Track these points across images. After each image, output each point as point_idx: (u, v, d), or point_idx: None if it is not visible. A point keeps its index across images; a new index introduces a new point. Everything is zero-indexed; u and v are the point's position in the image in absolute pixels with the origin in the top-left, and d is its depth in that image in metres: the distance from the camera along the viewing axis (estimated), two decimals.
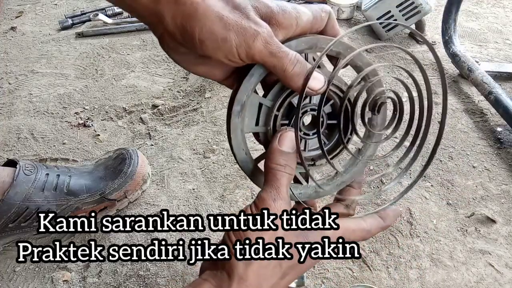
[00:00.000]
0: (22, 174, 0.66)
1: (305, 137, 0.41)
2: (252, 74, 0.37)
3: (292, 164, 0.38)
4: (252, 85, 0.37)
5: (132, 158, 0.75)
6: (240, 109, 0.38)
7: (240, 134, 0.39)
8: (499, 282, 0.63)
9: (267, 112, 0.40)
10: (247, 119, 0.39)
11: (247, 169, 0.41)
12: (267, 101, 0.39)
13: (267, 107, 0.39)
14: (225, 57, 0.34)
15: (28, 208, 0.66)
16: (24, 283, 0.67)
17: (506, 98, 0.85)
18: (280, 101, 0.39)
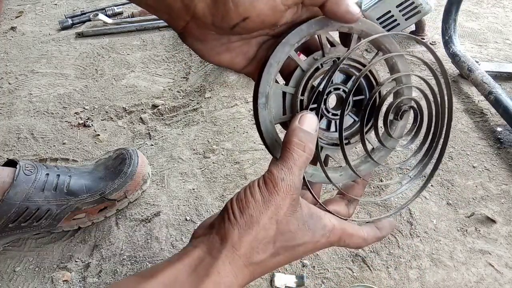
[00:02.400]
0: (22, 174, 0.66)
1: (334, 118, 0.41)
2: (270, 63, 0.37)
3: (311, 144, 0.36)
4: (272, 75, 0.37)
5: (132, 158, 0.75)
6: (265, 101, 0.38)
7: (270, 126, 0.39)
8: (499, 282, 0.62)
9: (292, 99, 0.39)
10: (273, 110, 0.39)
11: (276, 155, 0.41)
12: (290, 88, 0.39)
13: (291, 94, 0.39)
14: (265, 4, 0.32)
15: (28, 208, 0.66)
16: (24, 283, 0.67)
17: (506, 98, 0.85)
18: (303, 84, 0.39)
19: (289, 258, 0.37)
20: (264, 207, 0.34)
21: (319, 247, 0.38)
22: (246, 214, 0.34)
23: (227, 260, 0.34)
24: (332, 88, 0.40)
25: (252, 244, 0.35)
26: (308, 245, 0.37)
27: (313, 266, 0.66)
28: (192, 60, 1.17)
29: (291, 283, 0.63)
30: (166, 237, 0.72)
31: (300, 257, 0.39)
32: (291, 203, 0.35)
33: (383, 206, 0.74)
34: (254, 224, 0.34)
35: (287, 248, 0.36)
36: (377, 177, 0.79)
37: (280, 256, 0.37)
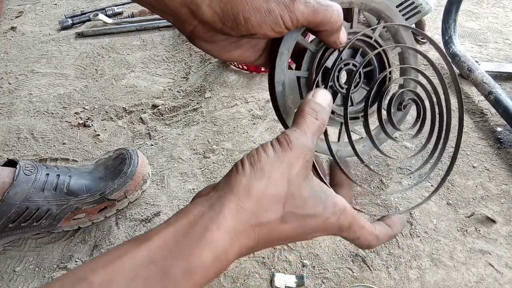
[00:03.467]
0: (22, 174, 0.66)
1: (350, 92, 0.41)
2: (281, 52, 0.38)
3: (324, 117, 0.36)
4: (285, 63, 0.38)
5: (132, 158, 0.75)
6: (282, 88, 0.38)
7: (292, 113, 0.39)
8: (499, 282, 0.62)
9: (307, 82, 0.40)
10: (291, 96, 0.39)
11: None
12: (303, 72, 0.39)
13: (305, 77, 0.40)
14: (271, 29, 0.34)
15: (28, 208, 0.66)
16: (24, 283, 0.67)
17: (506, 98, 0.85)
18: (315, 66, 0.39)
19: (297, 230, 0.34)
20: (276, 162, 0.32)
21: (328, 227, 0.36)
22: (257, 167, 0.32)
23: (230, 214, 0.30)
24: (343, 64, 0.40)
25: (260, 199, 0.31)
26: (318, 220, 0.35)
27: (313, 266, 0.66)
28: (192, 60, 1.17)
29: (291, 283, 0.63)
30: None
31: (308, 235, 0.36)
32: (304, 165, 0.33)
33: (383, 206, 0.74)
34: (265, 176, 0.32)
35: (296, 216, 0.33)
36: (377, 177, 0.79)
37: (288, 225, 0.33)
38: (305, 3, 0.33)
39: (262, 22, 0.33)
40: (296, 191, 0.33)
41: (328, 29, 0.36)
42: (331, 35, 0.37)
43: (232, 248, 0.31)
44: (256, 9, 0.33)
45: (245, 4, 0.33)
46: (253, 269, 0.66)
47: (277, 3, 0.33)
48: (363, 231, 0.38)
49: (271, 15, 0.33)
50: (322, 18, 0.34)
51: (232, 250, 0.31)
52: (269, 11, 0.33)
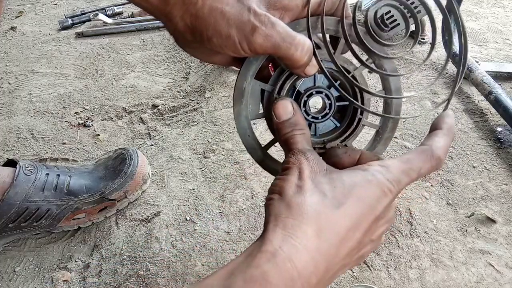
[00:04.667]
0: (22, 174, 0.66)
1: (314, 120, 0.41)
2: (250, 61, 0.38)
3: (297, 122, 0.36)
4: (251, 72, 0.38)
5: (132, 158, 0.75)
6: (241, 95, 0.38)
7: (244, 120, 0.39)
8: (499, 282, 0.62)
9: (269, 97, 0.40)
10: (250, 105, 0.39)
11: (255, 155, 0.41)
12: (268, 86, 0.39)
13: (268, 92, 0.39)
14: (232, 52, 0.34)
15: (28, 208, 0.66)
16: (24, 283, 0.67)
17: (506, 98, 0.85)
18: (280, 84, 0.39)
19: (356, 209, 0.31)
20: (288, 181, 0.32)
21: (384, 184, 0.32)
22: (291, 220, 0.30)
23: (276, 232, 0.29)
24: (314, 91, 0.40)
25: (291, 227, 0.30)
26: (366, 187, 0.32)
27: None
28: (192, 60, 1.17)
29: None
30: (166, 237, 0.72)
31: (372, 211, 0.32)
32: (311, 179, 0.32)
33: None
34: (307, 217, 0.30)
35: (344, 193, 0.31)
36: None
37: (344, 206, 0.30)
38: (265, 37, 0.33)
39: (223, 45, 0.34)
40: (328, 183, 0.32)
41: (290, 64, 0.35)
42: (294, 69, 0.36)
43: (296, 251, 0.29)
44: (217, 32, 0.33)
45: (209, 25, 0.33)
46: None
47: (237, 30, 0.32)
48: (421, 159, 0.34)
49: (230, 40, 0.33)
50: (283, 54, 0.34)
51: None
52: (228, 37, 0.33)
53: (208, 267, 0.67)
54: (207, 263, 0.67)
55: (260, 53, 0.34)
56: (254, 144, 0.41)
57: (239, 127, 0.40)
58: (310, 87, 0.40)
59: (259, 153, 0.41)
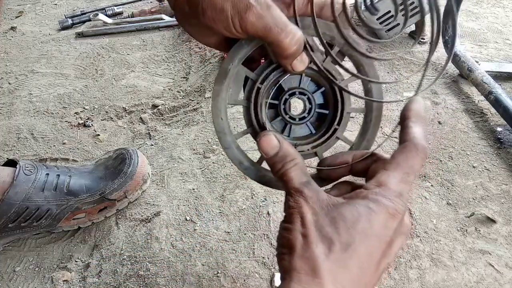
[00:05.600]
0: (22, 174, 0.66)
1: (291, 121, 0.40)
2: (241, 44, 0.37)
3: (286, 154, 0.36)
4: (239, 55, 0.37)
5: (132, 158, 0.75)
6: (224, 77, 0.38)
7: (221, 102, 0.39)
8: (499, 282, 0.62)
9: (251, 86, 0.39)
10: (231, 89, 0.39)
11: (223, 140, 0.40)
12: (253, 74, 0.39)
13: (252, 80, 0.39)
14: (223, 28, 0.34)
15: (28, 208, 0.66)
16: (24, 283, 0.67)
17: (506, 98, 0.85)
18: (265, 74, 0.38)
19: (365, 246, 0.31)
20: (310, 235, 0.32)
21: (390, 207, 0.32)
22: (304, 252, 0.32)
23: None
24: (298, 92, 0.39)
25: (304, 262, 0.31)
26: (372, 217, 0.31)
27: None
28: (192, 60, 1.17)
29: None
30: (166, 237, 0.72)
31: (383, 238, 0.32)
32: (315, 212, 0.33)
33: None
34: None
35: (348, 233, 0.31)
36: None
37: (351, 248, 0.31)
38: (258, 17, 0.32)
39: (216, 19, 0.33)
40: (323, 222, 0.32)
41: (278, 52, 0.35)
42: (282, 59, 0.36)
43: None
44: (212, 4, 0.33)
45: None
46: (253, 269, 0.66)
47: (232, 5, 0.32)
48: (410, 161, 0.34)
49: (223, 14, 0.33)
50: (272, 39, 0.33)
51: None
52: (222, 10, 0.33)
53: (208, 267, 0.67)
54: (207, 263, 0.67)
55: (250, 33, 0.34)
56: (225, 128, 0.40)
57: (214, 107, 0.39)
58: (294, 87, 0.39)
59: (228, 139, 0.40)
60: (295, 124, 0.40)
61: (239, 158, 0.41)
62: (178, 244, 0.70)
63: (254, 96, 0.39)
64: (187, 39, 1.27)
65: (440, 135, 0.87)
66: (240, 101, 0.39)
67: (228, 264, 0.67)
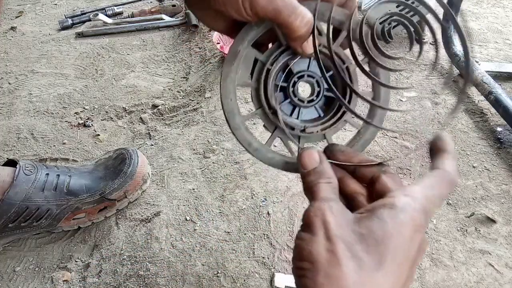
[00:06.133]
0: (22, 174, 0.66)
1: (300, 104, 0.40)
2: (251, 26, 0.37)
3: (323, 171, 0.35)
4: (249, 37, 0.37)
5: (132, 158, 0.75)
6: (233, 58, 0.38)
7: (230, 83, 0.38)
8: (499, 282, 0.62)
9: (261, 68, 0.39)
10: (240, 71, 0.39)
11: (232, 121, 0.40)
12: (263, 56, 0.39)
13: (262, 62, 0.39)
14: (234, 11, 0.34)
15: (28, 208, 0.66)
16: (24, 283, 0.67)
17: (506, 98, 0.85)
18: (274, 56, 0.38)
19: (396, 263, 0.29)
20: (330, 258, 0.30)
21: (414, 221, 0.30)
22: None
23: None
24: (306, 74, 0.39)
25: None
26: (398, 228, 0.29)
27: None
28: (192, 60, 1.17)
29: (291, 283, 0.63)
30: (166, 237, 0.72)
31: (410, 257, 0.30)
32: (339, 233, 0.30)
33: None
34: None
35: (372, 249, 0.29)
36: None
37: (383, 266, 0.29)
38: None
39: (227, 2, 0.33)
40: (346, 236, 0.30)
41: (288, 33, 0.35)
42: (291, 41, 0.36)
43: None
44: None
45: None
46: (253, 269, 0.66)
47: None
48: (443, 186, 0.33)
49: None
50: (282, 21, 0.34)
51: None
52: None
53: (208, 267, 0.67)
54: (207, 263, 0.67)
55: (261, 16, 0.34)
56: (234, 109, 0.39)
57: (223, 88, 0.39)
58: (303, 70, 0.39)
59: (237, 120, 0.40)
60: (304, 107, 0.40)
61: (249, 140, 0.40)
62: (178, 244, 0.70)
63: (264, 77, 0.39)
64: (187, 39, 1.27)
65: None
66: (249, 83, 0.39)
67: (228, 264, 0.67)
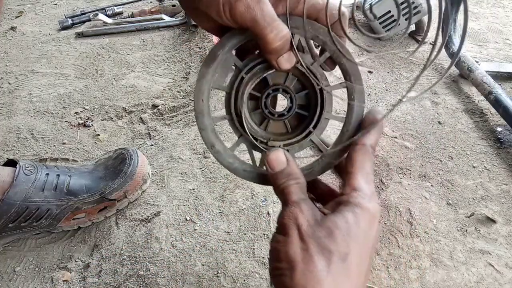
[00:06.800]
0: (22, 174, 0.66)
1: (270, 116, 0.40)
2: (234, 33, 0.37)
3: (290, 175, 0.37)
4: (230, 43, 0.38)
5: (132, 158, 0.75)
6: (211, 61, 0.38)
7: (205, 84, 0.39)
8: (499, 282, 0.62)
9: (237, 74, 0.39)
10: (217, 74, 0.39)
11: (200, 122, 0.40)
12: (240, 63, 0.39)
13: (238, 69, 0.39)
14: (215, 14, 0.35)
15: (28, 208, 0.66)
16: (24, 283, 0.67)
17: (506, 98, 0.85)
18: (251, 65, 0.39)
19: (359, 250, 0.33)
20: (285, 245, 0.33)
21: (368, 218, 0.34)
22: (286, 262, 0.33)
23: None
24: (281, 89, 0.40)
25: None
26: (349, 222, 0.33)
27: None
28: (192, 60, 1.17)
29: None
30: (166, 237, 0.72)
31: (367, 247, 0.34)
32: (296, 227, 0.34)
33: (384, 206, 0.74)
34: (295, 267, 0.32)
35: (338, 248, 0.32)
36: (377, 177, 0.79)
37: (349, 256, 0.32)
38: (247, 8, 0.33)
39: (209, 5, 0.34)
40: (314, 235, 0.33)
41: (262, 45, 0.35)
42: (266, 53, 0.36)
43: None
44: None
45: None
46: (253, 269, 0.66)
47: None
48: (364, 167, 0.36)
49: (215, 1, 0.33)
50: (258, 32, 0.34)
51: None
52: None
53: (208, 267, 0.67)
54: (207, 263, 0.67)
55: (239, 23, 0.34)
56: (204, 110, 0.40)
57: (197, 88, 0.39)
58: (279, 83, 0.40)
59: (206, 121, 0.40)
60: (273, 119, 0.41)
61: (212, 141, 0.41)
62: (178, 244, 0.70)
63: (237, 85, 0.39)
64: (187, 39, 1.27)
65: (440, 135, 0.87)
66: (223, 87, 0.40)
67: (228, 264, 0.67)
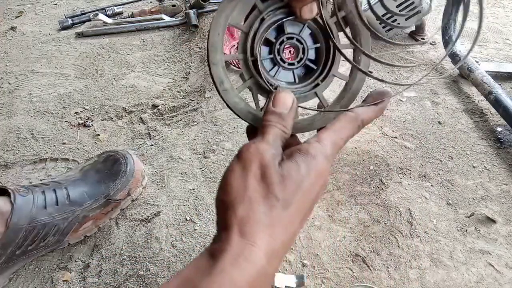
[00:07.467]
0: (20, 197, 0.63)
1: (281, 63, 0.41)
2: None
3: (284, 121, 0.36)
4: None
5: (127, 157, 0.76)
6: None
7: (223, 18, 0.38)
8: (499, 282, 0.63)
9: (256, 15, 0.39)
10: (236, 12, 0.38)
11: (213, 56, 0.40)
12: (262, 5, 0.39)
13: (259, 10, 0.39)
14: None
15: (34, 228, 0.63)
16: (24, 283, 0.67)
17: (506, 98, 0.85)
18: (272, 8, 0.38)
19: (302, 202, 0.33)
20: (238, 175, 0.33)
21: (320, 168, 0.34)
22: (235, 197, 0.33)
23: (234, 239, 0.31)
24: (296, 38, 0.40)
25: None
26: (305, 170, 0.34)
27: (313, 266, 0.66)
28: (192, 60, 1.17)
29: (291, 283, 0.63)
30: (166, 237, 0.72)
31: (312, 192, 0.34)
32: (260, 165, 0.34)
33: (383, 206, 0.74)
34: (242, 200, 0.33)
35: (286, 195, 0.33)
36: (377, 177, 0.79)
37: (292, 206, 0.33)
38: None
39: None
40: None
41: None
42: (292, 0, 0.37)
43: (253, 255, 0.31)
44: None
45: None
46: None
47: None
48: (343, 129, 0.37)
49: None
50: None
51: None
52: None
53: None
54: None
55: None
56: (218, 44, 0.39)
57: (215, 21, 0.38)
58: (294, 33, 0.40)
59: (218, 56, 0.40)
60: (283, 67, 0.41)
61: (222, 78, 0.41)
62: (178, 244, 0.70)
63: (258, 25, 0.39)
64: (187, 39, 1.27)
65: (440, 135, 0.87)
66: (241, 26, 0.39)
67: None
